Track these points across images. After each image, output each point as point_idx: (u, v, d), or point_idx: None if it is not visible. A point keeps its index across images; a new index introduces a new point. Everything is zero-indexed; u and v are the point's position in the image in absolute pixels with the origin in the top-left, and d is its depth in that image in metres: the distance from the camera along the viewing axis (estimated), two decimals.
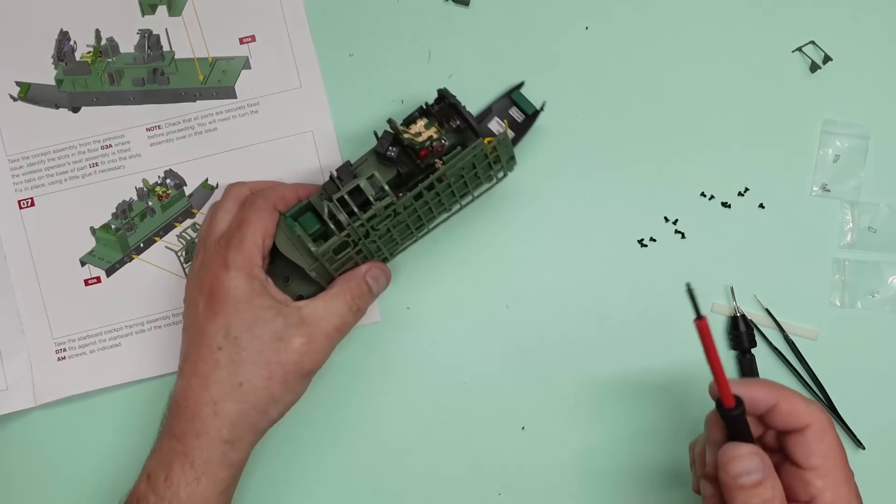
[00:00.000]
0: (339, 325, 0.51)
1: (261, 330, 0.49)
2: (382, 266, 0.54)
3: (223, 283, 0.49)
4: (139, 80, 0.59)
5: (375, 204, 0.49)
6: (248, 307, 0.49)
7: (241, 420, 0.49)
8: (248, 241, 0.50)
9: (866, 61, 0.58)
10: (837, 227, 0.57)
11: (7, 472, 0.58)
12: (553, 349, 0.58)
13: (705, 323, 0.40)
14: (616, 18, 0.59)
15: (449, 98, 0.52)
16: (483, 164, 0.52)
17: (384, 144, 0.51)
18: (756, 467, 0.42)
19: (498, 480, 0.58)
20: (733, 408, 0.43)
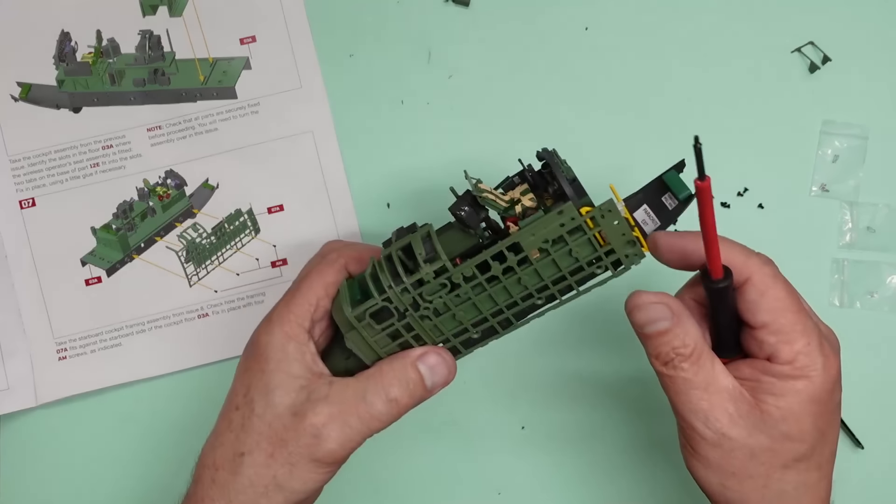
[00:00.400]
0: (365, 414, 0.42)
1: (279, 398, 0.42)
2: (445, 355, 0.44)
3: (260, 339, 0.44)
4: (140, 81, 0.59)
5: (424, 266, 0.40)
6: (275, 369, 0.43)
7: (237, 496, 0.42)
8: (299, 298, 0.44)
9: (865, 62, 0.58)
10: (836, 227, 0.58)
11: (8, 471, 0.58)
12: (553, 349, 0.58)
13: (708, 184, 0.35)
14: (616, 19, 0.59)
15: (547, 157, 0.42)
16: (580, 241, 0.40)
17: (460, 203, 0.41)
18: (663, 315, 0.40)
19: (498, 480, 0.58)
20: (722, 279, 0.39)
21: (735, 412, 0.39)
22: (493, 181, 0.57)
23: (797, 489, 0.40)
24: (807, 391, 0.39)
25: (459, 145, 0.59)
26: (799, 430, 0.39)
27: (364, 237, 0.58)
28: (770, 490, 0.40)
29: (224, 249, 0.59)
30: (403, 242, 0.42)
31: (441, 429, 0.58)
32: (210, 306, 0.58)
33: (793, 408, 0.39)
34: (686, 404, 0.40)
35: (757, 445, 0.39)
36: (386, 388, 0.42)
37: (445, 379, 0.44)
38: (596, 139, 0.58)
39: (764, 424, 0.39)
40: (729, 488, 0.40)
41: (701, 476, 0.41)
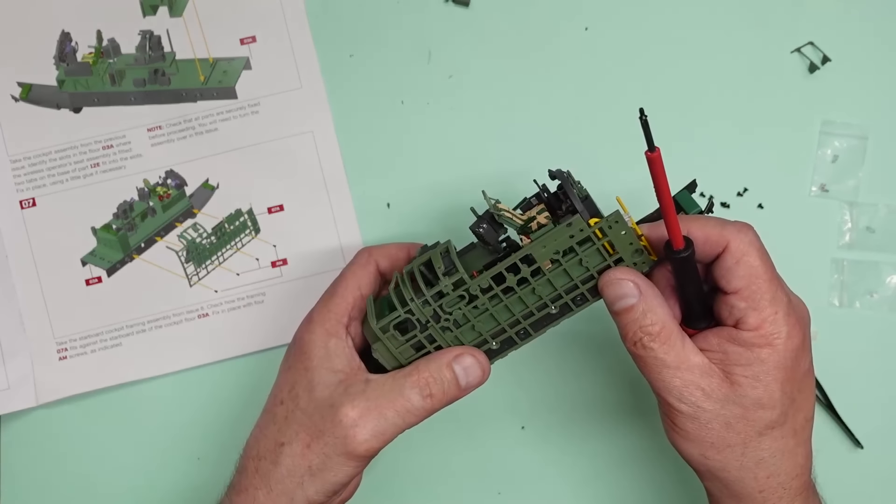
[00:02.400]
0: (402, 409, 0.44)
1: (320, 393, 0.45)
2: (478, 354, 0.45)
3: (302, 337, 0.47)
4: (140, 81, 0.59)
5: (443, 279, 0.43)
6: (318, 366, 0.45)
7: (276, 485, 0.44)
8: (337, 297, 0.47)
9: (865, 62, 0.58)
10: (836, 227, 0.58)
11: (9, 471, 0.58)
12: (553, 349, 0.58)
13: (658, 155, 0.36)
14: (616, 19, 0.59)
15: (558, 176, 0.43)
16: (589, 251, 0.42)
17: (479, 222, 0.43)
18: (629, 291, 0.41)
19: (498, 480, 0.58)
20: (682, 249, 0.39)
21: (707, 386, 0.41)
22: (493, 180, 0.57)
23: (774, 455, 0.42)
24: (772, 359, 0.41)
25: (459, 145, 0.59)
26: (768, 397, 0.41)
27: (364, 237, 0.59)
28: (748, 457, 0.42)
29: (224, 249, 0.59)
30: (424, 258, 0.44)
31: (441, 428, 0.58)
32: (210, 306, 0.58)
33: (759, 376, 0.41)
34: (660, 382, 0.42)
35: (731, 415, 0.41)
36: (422, 385, 0.44)
37: (479, 380, 0.46)
38: (596, 139, 0.58)
39: (735, 394, 0.41)
40: (709, 458, 0.42)
41: (683, 448, 0.43)
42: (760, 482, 0.42)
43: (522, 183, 0.58)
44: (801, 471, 0.43)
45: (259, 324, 0.58)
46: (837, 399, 0.57)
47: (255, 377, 0.58)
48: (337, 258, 0.59)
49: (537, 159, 0.58)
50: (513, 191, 0.58)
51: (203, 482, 0.58)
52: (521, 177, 0.58)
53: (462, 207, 0.58)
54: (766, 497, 0.43)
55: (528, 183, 0.58)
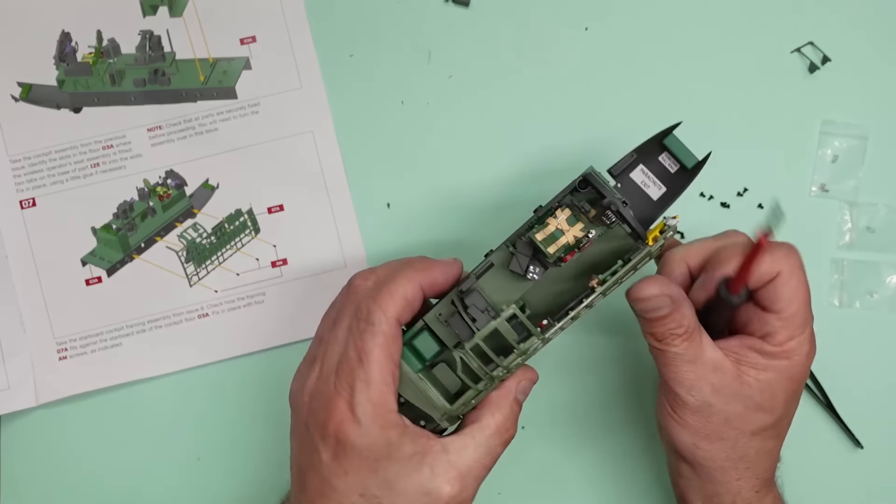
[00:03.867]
0: (490, 463, 0.44)
1: (405, 485, 0.41)
2: (531, 374, 0.46)
3: (351, 439, 0.41)
4: (140, 81, 0.59)
5: (518, 347, 0.42)
6: (386, 462, 0.41)
7: None
8: (376, 384, 0.41)
9: (865, 62, 0.58)
10: (836, 227, 0.58)
11: (9, 470, 0.58)
12: (553, 349, 0.58)
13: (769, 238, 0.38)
14: (616, 19, 0.59)
15: (600, 190, 0.42)
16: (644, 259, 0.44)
17: (522, 263, 0.42)
18: (664, 304, 0.42)
19: (498, 480, 0.58)
20: (739, 296, 0.42)
21: (717, 383, 0.43)
22: (494, 180, 0.57)
23: (758, 453, 0.45)
24: (787, 370, 0.43)
25: (459, 145, 0.59)
26: (772, 402, 0.44)
27: (364, 237, 0.58)
28: (735, 452, 0.44)
29: (224, 249, 0.59)
30: (488, 330, 0.42)
31: None
32: (210, 306, 0.58)
33: (771, 382, 0.43)
34: (674, 375, 0.43)
35: (732, 412, 0.43)
36: (503, 436, 0.44)
37: (531, 389, 0.47)
38: (596, 139, 0.58)
39: (741, 394, 0.43)
40: (700, 448, 0.44)
41: (675, 434, 0.45)
42: (740, 472, 0.45)
43: (522, 183, 0.58)
44: (773, 465, 0.47)
45: (259, 324, 0.58)
46: (837, 399, 0.57)
47: (254, 377, 0.58)
48: (337, 258, 0.59)
49: (538, 159, 0.58)
50: (512, 192, 0.58)
51: (203, 482, 0.58)
52: (522, 177, 0.58)
53: (462, 207, 0.58)
54: (742, 485, 0.45)
55: (527, 184, 0.58)
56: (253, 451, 0.58)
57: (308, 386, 0.43)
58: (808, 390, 0.57)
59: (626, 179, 0.44)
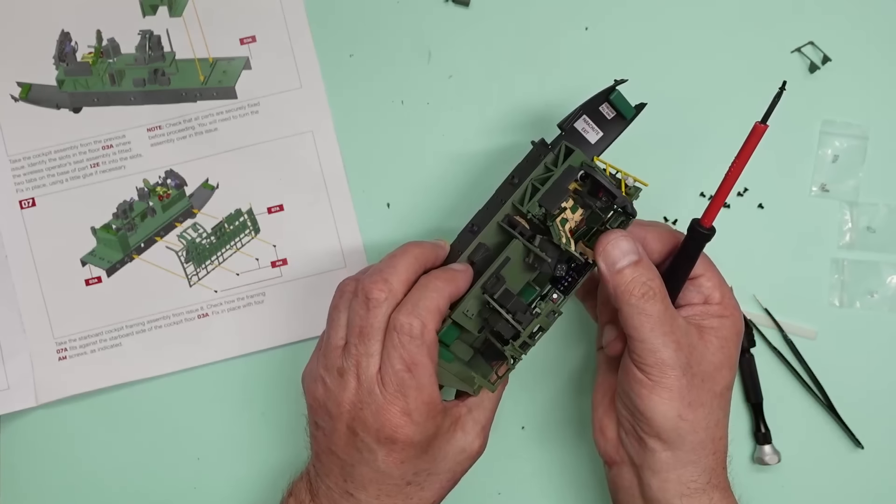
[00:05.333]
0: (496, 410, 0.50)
1: (446, 451, 0.47)
2: None
3: (409, 437, 0.45)
4: (140, 81, 0.59)
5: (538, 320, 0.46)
6: (434, 441, 0.47)
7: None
8: (426, 388, 0.45)
9: (865, 62, 0.58)
10: (836, 227, 0.58)
11: (8, 470, 0.58)
12: (553, 348, 0.58)
13: (763, 130, 0.41)
14: (616, 19, 0.59)
15: (595, 175, 0.46)
16: None
17: (553, 265, 0.46)
18: (631, 248, 0.45)
19: (498, 480, 0.58)
20: (710, 228, 0.45)
21: (693, 342, 0.46)
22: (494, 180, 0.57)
23: (726, 416, 0.48)
24: (733, 325, 0.47)
25: (459, 145, 0.59)
26: (728, 358, 0.47)
27: (364, 237, 0.58)
28: (711, 418, 0.46)
29: (224, 249, 0.59)
30: (533, 329, 0.46)
31: None
32: (210, 306, 0.58)
33: (727, 338, 0.47)
34: (661, 337, 0.45)
35: (705, 374, 0.46)
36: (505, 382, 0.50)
37: None
38: None
39: (709, 353, 0.46)
40: (684, 418, 0.45)
41: (659, 409, 0.45)
42: (716, 443, 0.47)
43: None
44: (727, 432, 0.48)
45: (259, 324, 0.58)
46: (837, 399, 0.57)
47: (255, 377, 0.58)
48: (337, 258, 0.59)
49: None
50: None
51: (203, 482, 0.58)
52: None
53: (462, 207, 0.58)
54: (717, 460, 0.47)
55: None
56: (253, 451, 0.58)
57: (347, 397, 0.45)
58: (808, 390, 0.57)
59: (570, 129, 0.49)
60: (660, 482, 0.46)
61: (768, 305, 0.57)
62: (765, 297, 0.57)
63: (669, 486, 0.46)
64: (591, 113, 0.49)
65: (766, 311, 0.57)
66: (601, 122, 0.50)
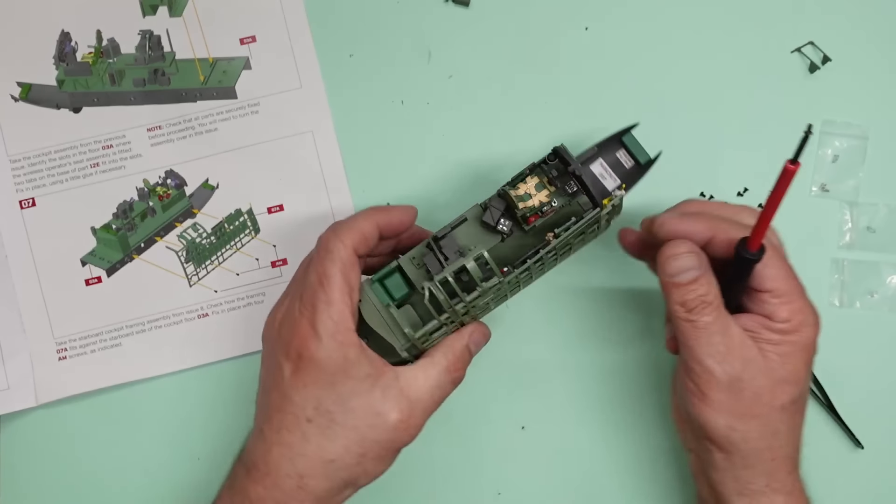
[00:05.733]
0: (439, 398, 0.48)
1: (356, 403, 0.45)
2: (485, 329, 0.50)
3: (313, 353, 0.45)
4: (140, 81, 0.59)
5: (482, 286, 0.45)
6: (343, 378, 0.45)
7: (328, 494, 0.46)
8: (336, 303, 0.45)
9: (865, 62, 0.58)
10: (836, 227, 0.58)
11: (8, 470, 0.58)
12: (553, 349, 0.58)
13: (795, 170, 0.40)
14: (616, 19, 0.59)
15: (567, 160, 0.46)
16: (593, 226, 0.48)
17: (495, 215, 0.46)
18: (692, 264, 0.45)
19: (498, 480, 0.58)
20: (757, 252, 0.44)
21: (745, 356, 0.45)
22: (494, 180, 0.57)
23: (789, 429, 0.46)
24: (800, 342, 0.45)
25: (459, 145, 0.59)
26: (794, 374, 0.45)
27: None
28: (767, 429, 0.45)
29: (224, 249, 0.59)
30: (457, 265, 0.45)
31: (441, 429, 0.58)
32: (210, 306, 0.58)
33: (789, 355, 0.45)
34: (706, 347, 0.44)
35: (761, 388, 0.45)
36: (452, 372, 0.48)
37: (484, 344, 0.50)
38: (596, 139, 0.58)
39: (767, 368, 0.45)
40: (735, 429, 0.45)
41: (709, 418, 0.45)
42: (774, 451, 0.46)
43: None
44: (799, 444, 0.48)
45: (259, 324, 0.58)
46: (837, 399, 0.57)
47: (254, 377, 0.58)
48: None
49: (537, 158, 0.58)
50: None
51: (203, 482, 0.58)
52: None
53: (462, 208, 0.58)
54: (777, 466, 0.46)
55: None
56: None
57: (277, 318, 0.47)
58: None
59: (586, 170, 0.49)
60: (718, 478, 0.47)
61: None
62: None
63: (727, 484, 0.46)
64: (607, 157, 0.50)
65: None
66: (618, 168, 0.50)
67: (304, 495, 0.45)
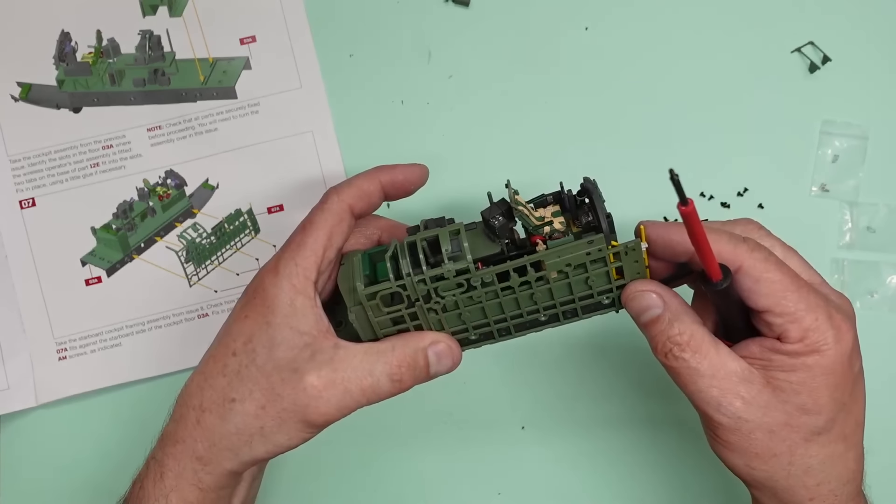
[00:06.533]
0: (368, 388, 0.42)
1: (282, 353, 0.41)
2: (453, 344, 0.44)
3: (265, 287, 0.42)
4: (140, 81, 0.59)
5: (447, 264, 0.41)
6: (282, 323, 0.42)
7: (221, 440, 0.42)
8: (306, 248, 0.42)
9: (865, 62, 0.58)
10: (836, 227, 0.58)
11: (8, 470, 0.58)
12: (553, 348, 0.58)
13: (692, 208, 0.35)
14: (616, 19, 0.59)
15: (590, 189, 0.42)
16: (598, 271, 0.41)
17: (493, 211, 0.42)
18: (653, 302, 0.41)
19: (498, 480, 0.58)
20: (720, 281, 0.38)
21: (747, 394, 0.39)
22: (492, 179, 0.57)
23: (823, 463, 0.40)
24: (819, 364, 0.39)
25: (459, 145, 0.59)
26: (815, 402, 0.39)
27: None
28: (795, 466, 0.40)
29: (224, 249, 0.59)
30: (431, 234, 0.42)
31: (441, 429, 0.58)
32: (210, 306, 0.58)
33: (806, 382, 0.39)
34: (696, 394, 0.40)
35: (773, 423, 0.39)
36: (394, 369, 0.42)
37: (449, 369, 0.44)
38: (596, 139, 0.58)
39: (777, 401, 0.39)
40: (755, 468, 0.40)
41: (727, 459, 0.41)
42: (810, 490, 0.41)
43: (522, 182, 0.58)
44: (852, 476, 0.42)
45: None
46: None
47: None
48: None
49: (537, 158, 0.58)
50: None
51: None
52: (522, 176, 0.58)
53: (462, 207, 0.58)
54: (820, 501, 0.41)
55: (528, 183, 0.58)
56: None
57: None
58: None
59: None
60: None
61: None
62: None
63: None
64: None
65: None
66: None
67: (199, 433, 0.42)
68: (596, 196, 0.41)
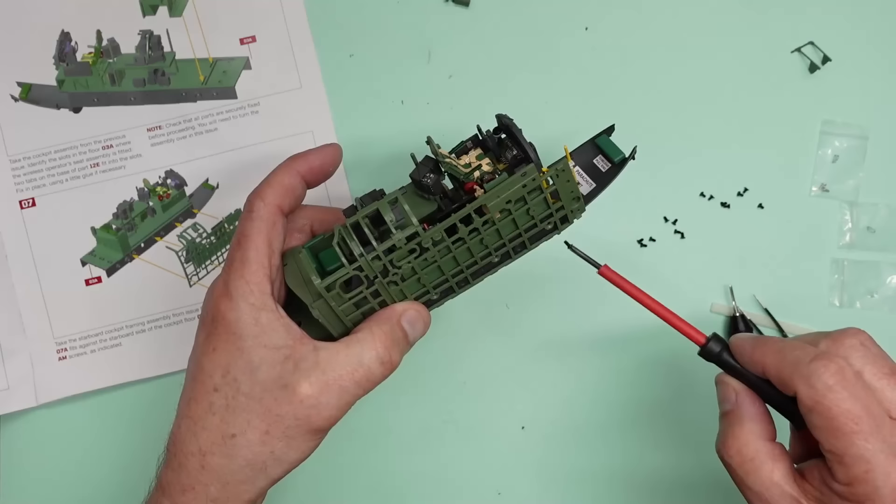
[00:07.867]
0: (362, 378, 0.42)
1: (264, 374, 0.41)
2: (420, 307, 0.44)
3: (224, 314, 0.41)
4: (140, 81, 0.59)
5: (396, 233, 0.41)
6: (253, 344, 0.41)
7: (233, 477, 0.41)
8: (251, 263, 0.42)
9: (865, 62, 0.58)
10: (836, 227, 0.58)
11: (8, 470, 0.58)
12: (553, 348, 0.58)
13: (607, 268, 0.36)
14: (616, 19, 0.59)
15: (508, 124, 0.43)
16: (537, 200, 0.43)
17: (422, 170, 0.42)
18: (725, 398, 0.41)
19: (498, 480, 0.58)
20: (705, 344, 0.40)
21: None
22: None
23: None
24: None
25: None
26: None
27: None
28: None
29: (224, 249, 0.59)
30: (370, 209, 0.42)
31: (441, 429, 0.58)
32: None
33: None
34: (745, 498, 0.40)
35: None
36: (381, 351, 0.42)
37: (423, 332, 0.45)
38: None
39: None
40: None
41: None
42: None
43: None
44: None
45: None
46: None
47: None
48: None
49: None
50: None
51: None
52: None
53: None
54: None
55: None
56: None
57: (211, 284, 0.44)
58: None
59: None
60: None
61: (768, 305, 0.57)
62: (765, 297, 0.57)
63: None
64: (583, 163, 0.47)
65: (766, 311, 0.57)
66: (593, 172, 0.47)
67: (207, 477, 0.41)
68: (515, 129, 0.43)
